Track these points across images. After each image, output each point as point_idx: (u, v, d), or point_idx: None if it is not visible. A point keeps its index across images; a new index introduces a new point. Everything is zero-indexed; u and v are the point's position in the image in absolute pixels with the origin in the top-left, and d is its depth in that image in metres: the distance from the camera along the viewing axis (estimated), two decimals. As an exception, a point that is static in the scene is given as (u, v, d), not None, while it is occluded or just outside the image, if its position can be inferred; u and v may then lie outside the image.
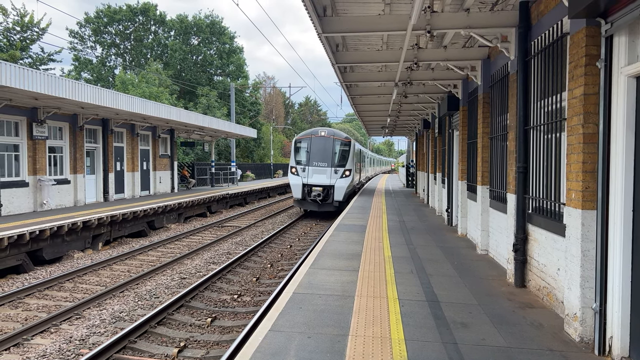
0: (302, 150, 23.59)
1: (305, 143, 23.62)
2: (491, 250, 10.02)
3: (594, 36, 5.16)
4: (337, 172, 22.81)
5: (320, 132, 23.87)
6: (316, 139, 23.63)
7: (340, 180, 22.69)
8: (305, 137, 24.00)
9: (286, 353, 4.92)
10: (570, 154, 5.55)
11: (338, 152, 23.33)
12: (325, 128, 24.50)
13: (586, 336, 5.22)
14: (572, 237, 5.48)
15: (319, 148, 23.27)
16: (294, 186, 23.15)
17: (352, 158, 23.68)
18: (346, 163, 23.20)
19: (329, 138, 23.58)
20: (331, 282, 7.69)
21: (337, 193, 22.58)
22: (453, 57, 10.91)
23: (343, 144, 23.71)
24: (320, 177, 22.70)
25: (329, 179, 22.65)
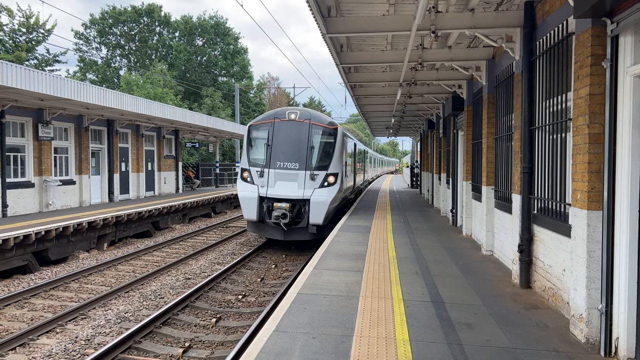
0: (258, 143, 15.14)
1: (265, 131, 15.01)
2: (496, 251, 9.99)
3: (599, 36, 5.14)
4: (315, 177, 14.27)
5: (289, 114, 15.07)
6: (282, 125, 15.00)
7: (319, 191, 14.17)
8: (264, 122, 15.29)
9: (291, 354, 4.92)
10: (576, 154, 5.52)
11: (317, 145, 14.89)
12: (297, 108, 15.86)
13: (592, 337, 5.19)
14: (577, 238, 5.45)
15: (285, 139, 14.82)
16: (244, 200, 14.47)
17: (339, 155, 15.09)
18: (330, 163, 14.65)
19: (303, 124, 14.94)
20: (335, 282, 7.68)
21: (315, 212, 14.02)
22: (458, 57, 10.88)
23: (325, 134, 15.03)
24: (287, 186, 14.32)
25: (302, 190, 14.22)
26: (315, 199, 14.15)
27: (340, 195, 15.39)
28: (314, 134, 14.83)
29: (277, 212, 13.91)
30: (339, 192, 14.99)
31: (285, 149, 14.67)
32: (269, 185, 14.37)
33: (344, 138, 16.45)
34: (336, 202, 15.12)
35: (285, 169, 14.47)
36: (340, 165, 15.00)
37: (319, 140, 14.98)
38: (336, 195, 14.62)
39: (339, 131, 15.41)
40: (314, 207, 14.10)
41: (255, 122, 15.59)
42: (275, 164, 14.52)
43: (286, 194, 14.21)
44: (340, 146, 15.25)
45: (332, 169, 14.65)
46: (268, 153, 14.69)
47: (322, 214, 14.12)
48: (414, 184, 37.19)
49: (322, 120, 15.39)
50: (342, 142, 15.48)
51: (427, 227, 14.39)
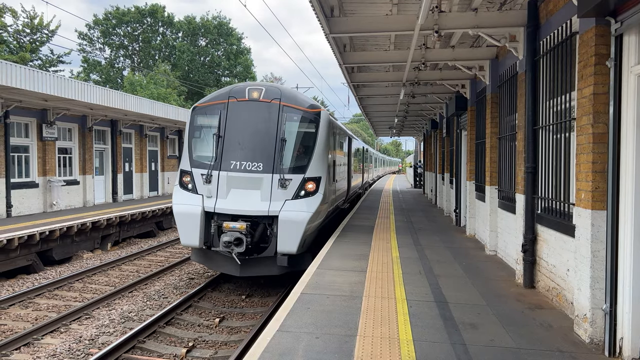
0: (205, 135, 10.93)
1: (214, 116, 10.76)
2: (500, 251, 9.97)
3: (603, 35, 5.12)
4: (287, 184, 10.15)
5: (250, 92, 10.74)
6: (240, 107, 10.69)
7: (293, 204, 10.06)
8: (214, 102, 10.97)
9: (294, 353, 4.92)
10: (580, 154, 5.51)
11: (291, 137, 10.62)
12: (262, 83, 11.56)
13: (596, 337, 5.18)
14: (581, 238, 5.44)
15: (245, 128, 10.53)
16: (181, 218, 10.17)
17: (324, 151, 10.81)
18: (309, 163, 10.46)
19: (271, 106, 10.63)
20: (339, 282, 7.68)
21: (286, 235, 9.82)
22: (461, 57, 10.87)
23: (304, 121, 10.76)
24: (245, 196, 10.14)
25: (266, 202, 10.04)
26: (286, 215, 9.70)
27: (325, 208, 11.06)
28: (286, 121, 10.41)
29: (228, 237, 9.42)
30: (323, 203, 10.52)
31: (243, 143, 10.24)
32: (219, 196, 10.00)
33: (332, 128, 11.99)
34: (319, 217, 10.53)
35: (243, 171, 10.01)
36: (324, 166, 10.63)
37: (294, 130, 10.53)
38: (319, 209, 10.18)
39: (324, 118, 10.81)
40: (284, 227, 9.64)
41: (202, 103, 11.06)
42: (229, 164, 10.11)
43: (243, 208, 9.80)
44: (326, 139, 10.76)
45: (312, 171, 10.25)
46: (218, 148, 10.25)
47: (296, 237, 9.63)
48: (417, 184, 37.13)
49: (299, 102, 10.74)
50: (327, 133, 11.00)
51: (430, 227, 14.37)
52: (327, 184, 10.87)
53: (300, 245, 9.77)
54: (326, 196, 10.87)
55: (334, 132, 12.97)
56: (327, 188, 11.02)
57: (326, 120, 11.05)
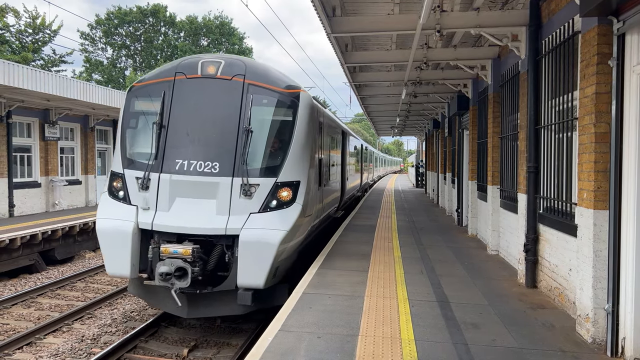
0: (143, 124, 8.40)
1: (156, 99, 8.14)
2: (502, 251, 9.96)
3: (605, 34, 5.11)
4: (253, 191, 7.66)
5: (205, 66, 8.19)
6: (190, 86, 8.19)
7: (260, 219, 7.57)
8: (157, 81, 8.37)
9: (296, 353, 4.92)
10: (582, 154, 5.50)
11: (260, 128, 8.04)
12: (223, 55, 8.80)
13: (598, 337, 5.17)
14: (584, 238, 5.43)
15: (195, 115, 8.04)
16: (106, 236, 7.64)
17: (303, 147, 8.25)
18: (283, 162, 7.94)
19: (232, 84, 8.07)
20: (340, 282, 7.68)
21: (249, 262, 7.27)
22: (463, 56, 10.86)
23: (276, 105, 8.23)
24: (194, 208, 7.61)
25: (223, 216, 7.57)
26: (250, 235, 7.27)
27: (307, 222, 8.49)
28: (252, 105, 7.79)
29: (166, 267, 7.02)
30: (304, 215, 8.06)
31: (194, 135, 7.78)
32: (159, 207, 7.56)
33: (317, 117, 9.47)
34: (299, 235, 8.05)
35: (192, 173, 7.56)
36: (304, 167, 8.15)
37: (263, 118, 8.04)
38: (297, 223, 7.72)
39: (305, 102, 8.27)
40: (247, 251, 7.20)
41: (142, 81, 8.46)
42: (173, 163, 7.64)
43: (192, 225, 7.34)
44: (307, 130, 8.25)
45: (288, 173, 7.80)
46: (160, 142, 7.75)
47: (263, 265, 7.21)
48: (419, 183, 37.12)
49: (271, 79, 8.15)
50: (310, 123, 8.48)
51: (432, 227, 14.36)
52: (309, 189, 8.34)
53: (269, 275, 7.21)
54: (308, 206, 8.30)
55: (322, 123, 10.31)
56: (311, 195, 8.53)
57: (308, 106, 8.39)
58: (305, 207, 8.04)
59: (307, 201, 8.17)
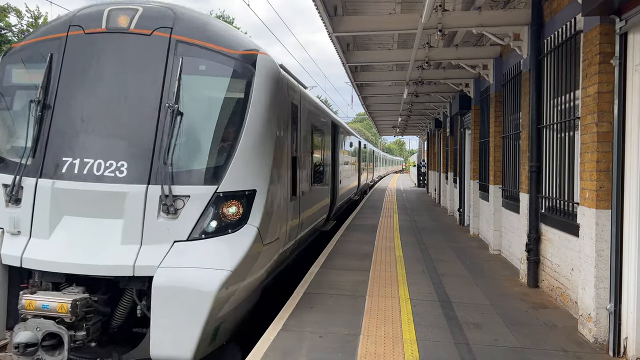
0: (21, 102, 5.60)
1: (41, 67, 5.45)
2: (504, 250, 9.94)
3: (608, 34, 5.10)
4: (176, 209, 5.12)
5: (115, 15, 5.52)
6: (89, 44, 5.50)
7: (188, 252, 5.04)
8: (46, 38, 5.65)
9: (298, 352, 4.92)
10: (584, 153, 5.48)
11: (193, 108, 5.38)
12: (141, 1, 5.74)
13: (600, 337, 5.16)
14: (586, 237, 5.41)
15: (95, 87, 5.41)
16: None
17: (261, 138, 5.63)
18: (229, 160, 5.36)
19: (154, 41, 5.44)
20: (342, 281, 7.68)
21: (167, 320, 4.73)
22: (464, 55, 10.84)
23: (219, 73, 5.56)
24: (88, 232, 5.03)
25: (132, 245, 5.00)
26: (168, 279, 4.91)
27: (273, 251, 6.21)
28: (182, 73, 5.46)
29: (24, 335, 4.63)
30: (264, 240, 5.71)
31: (91, 119, 5.44)
32: (35, 232, 5.21)
33: (288, 96, 7.00)
34: (256, 271, 5.70)
35: (86, 178, 5.19)
36: (265, 168, 5.75)
37: (198, 93, 5.65)
38: (250, 255, 5.42)
39: (265, 70, 5.86)
40: (164, 304, 4.83)
41: (23, 41, 6.08)
42: (59, 162, 5.30)
43: (82, 261, 4.99)
44: (269, 113, 5.84)
45: (236, 178, 5.45)
46: (41, 130, 5.42)
47: (191, 327, 4.83)
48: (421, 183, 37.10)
49: (212, 36, 5.73)
50: (274, 102, 6.01)
51: (434, 227, 14.34)
52: (274, 202, 5.92)
53: (201, 341, 4.83)
54: (271, 227, 5.86)
55: (297, 107, 7.56)
56: (276, 210, 6.05)
57: (272, 78, 5.88)
58: (265, 228, 5.55)
59: (268, 220, 5.65)
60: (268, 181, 5.70)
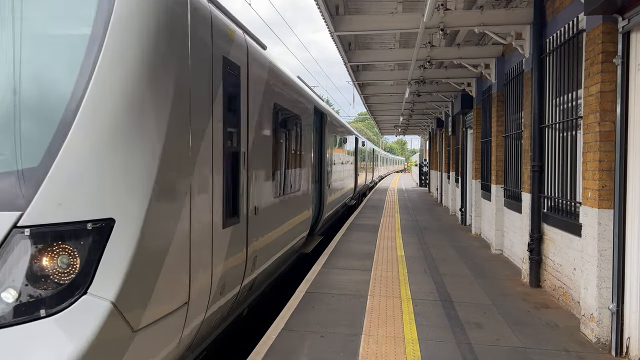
0: None
1: None
2: (505, 250, 9.92)
3: (610, 33, 5.08)
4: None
5: None
6: None
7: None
8: None
9: (299, 352, 4.92)
10: (587, 152, 5.47)
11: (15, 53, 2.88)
12: None
13: (603, 337, 5.14)
14: (588, 237, 5.40)
15: None
16: None
17: (134, 113, 3.09)
18: (53, 156, 2.84)
19: None
20: (344, 281, 7.67)
21: None
22: (466, 55, 10.82)
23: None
24: None
25: None
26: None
27: (179, 334, 3.74)
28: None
29: None
30: (141, 323, 3.12)
31: None
32: None
33: (218, 40, 4.46)
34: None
35: None
36: (148, 170, 3.20)
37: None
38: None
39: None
40: None
41: None
42: None
43: None
44: (157, 58, 3.31)
45: (68, 194, 2.89)
46: None
47: None
48: (423, 182, 37.08)
49: None
50: (170, 43, 3.50)
51: (435, 226, 14.33)
52: (170, 238, 3.49)
53: None
54: (163, 289, 3.40)
55: (239, 72, 5.14)
56: (178, 253, 3.61)
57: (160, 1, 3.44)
58: (141, 295, 3.17)
59: (151, 276, 3.26)
60: (150, 198, 3.18)
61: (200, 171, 3.98)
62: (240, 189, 5.08)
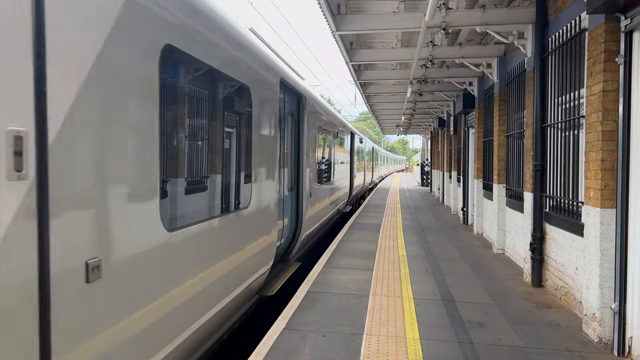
0: None
1: None
2: (507, 250, 9.91)
3: (613, 32, 5.07)
4: None
5: None
6: None
7: None
8: None
9: (301, 351, 4.92)
10: (589, 152, 5.46)
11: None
12: None
13: (605, 337, 5.13)
14: (590, 236, 5.39)
15: None
16: None
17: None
18: None
19: None
20: (345, 280, 7.67)
21: None
22: (468, 54, 10.81)
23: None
24: None
25: None
26: None
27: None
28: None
29: None
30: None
31: None
32: None
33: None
34: None
35: None
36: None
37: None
38: None
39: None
40: None
41: None
42: None
43: None
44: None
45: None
46: None
47: None
48: (424, 182, 37.05)
49: None
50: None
51: (437, 226, 14.32)
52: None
53: None
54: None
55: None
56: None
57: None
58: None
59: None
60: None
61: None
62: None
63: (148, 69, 3.32)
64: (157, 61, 3.43)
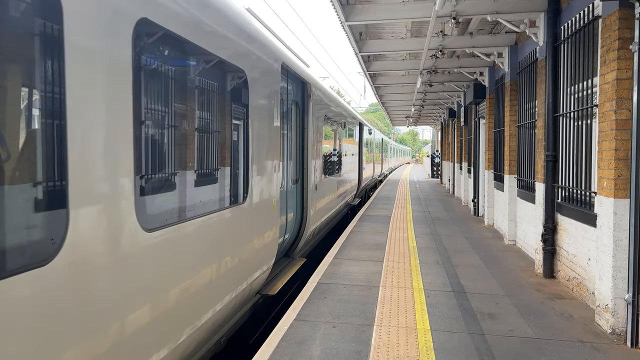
0: None
1: None
2: (519, 241, 9.85)
3: (627, 19, 4.98)
4: None
5: None
6: None
7: None
8: None
9: (311, 342, 4.93)
10: (602, 141, 5.39)
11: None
12: None
13: (618, 327, 5.09)
14: (603, 227, 5.33)
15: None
16: None
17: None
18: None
19: None
20: (355, 272, 7.67)
21: None
22: (479, 44, 10.69)
23: None
24: None
25: None
26: None
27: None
28: None
29: None
30: None
31: None
32: None
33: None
34: None
35: None
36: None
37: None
38: None
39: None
40: None
41: None
42: None
43: None
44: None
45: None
46: None
47: None
48: (435, 173, 36.89)
49: None
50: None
51: (448, 217, 14.26)
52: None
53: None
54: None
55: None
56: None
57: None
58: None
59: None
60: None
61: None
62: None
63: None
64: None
